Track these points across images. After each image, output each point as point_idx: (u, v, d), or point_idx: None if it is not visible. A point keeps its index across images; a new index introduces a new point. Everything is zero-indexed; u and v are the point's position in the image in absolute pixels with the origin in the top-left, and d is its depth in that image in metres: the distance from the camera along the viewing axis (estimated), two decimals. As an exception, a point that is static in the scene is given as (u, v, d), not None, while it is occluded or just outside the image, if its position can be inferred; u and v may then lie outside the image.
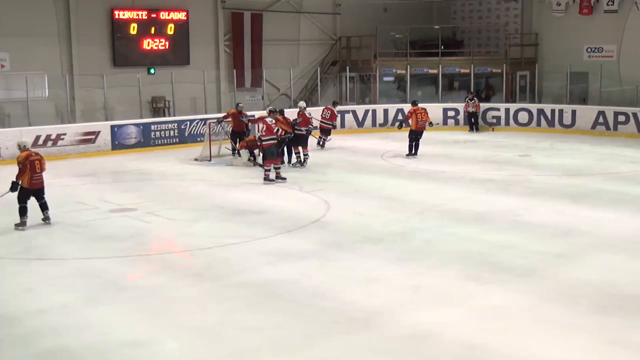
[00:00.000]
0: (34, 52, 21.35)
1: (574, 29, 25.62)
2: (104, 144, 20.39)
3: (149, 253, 10.54)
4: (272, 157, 15.52)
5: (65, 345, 7.18)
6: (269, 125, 15.74)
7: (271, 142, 15.53)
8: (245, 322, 7.67)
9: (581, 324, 7.49)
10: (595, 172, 16.38)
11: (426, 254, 10.13)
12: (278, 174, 15.53)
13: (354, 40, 27.80)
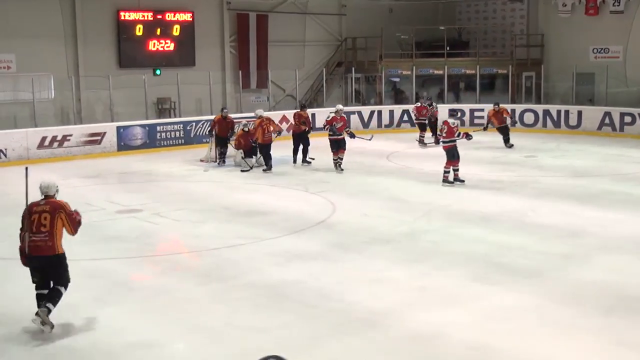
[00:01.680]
0: (40, 53, 21.42)
1: (580, 30, 25.57)
2: (110, 145, 20.43)
3: (155, 254, 10.56)
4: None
5: (73, 345, 7.20)
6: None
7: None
8: (252, 323, 7.68)
9: (588, 325, 7.48)
10: (601, 173, 16.35)
11: (433, 255, 10.12)
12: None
13: (359, 41, 27.80)
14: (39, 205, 7.70)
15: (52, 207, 7.65)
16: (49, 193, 7.81)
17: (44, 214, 7.62)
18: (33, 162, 18.66)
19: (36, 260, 7.64)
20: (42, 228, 7.59)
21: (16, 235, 10.78)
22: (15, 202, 14.25)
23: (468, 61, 27.40)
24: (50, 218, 7.58)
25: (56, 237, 7.61)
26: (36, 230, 7.62)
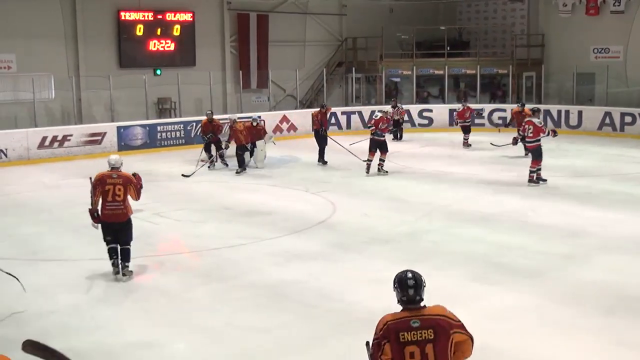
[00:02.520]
0: (40, 53, 21.44)
1: (581, 30, 25.58)
2: (110, 145, 20.43)
3: (156, 254, 10.56)
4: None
5: (74, 345, 7.18)
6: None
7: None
8: (252, 323, 7.68)
9: (588, 325, 7.49)
10: (602, 173, 16.35)
11: (433, 255, 10.12)
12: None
13: (360, 41, 27.80)
14: (112, 178, 9.10)
15: (124, 180, 9.15)
16: (116, 166, 9.32)
17: (118, 186, 9.05)
18: (33, 162, 18.72)
19: (112, 225, 9.09)
20: (116, 198, 9.01)
21: (15, 235, 10.83)
22: (15, 202, 14.34)
23: (468, 61, 27.42)
24: (123, 190, 9.05)
25: (127, 205, 9.14)
26: (112, 199, 9.01)
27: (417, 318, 4.21)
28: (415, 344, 4.15)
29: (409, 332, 4.15)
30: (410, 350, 4.12)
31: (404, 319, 4.20)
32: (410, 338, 4.14)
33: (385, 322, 4.29)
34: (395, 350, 4.16)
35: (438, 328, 4.16)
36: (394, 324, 4.23)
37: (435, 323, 4.17)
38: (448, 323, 4.22)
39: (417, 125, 24.76)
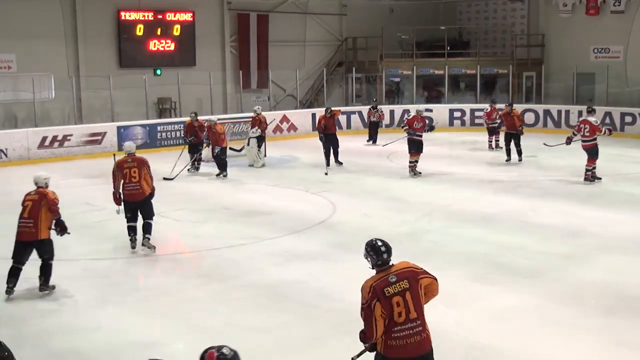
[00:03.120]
0: (41, 53, 21.44)
1: (581, 30, 25.57)
2: (110, 144, 20.42)
3: (157, 254, 10.55)
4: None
5: (75, 345, 7.20)
6: None
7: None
8: (252, 323, 7.68)
9: (588, 325, 7.49)
10: (602, 173, 16.31)
11: (433, 255, 10.11)
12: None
13: (360, 41, 27.80)
14: (127, 163, 10.26)
15: (138, 163, 10.29)
16: (131, 151, 10.52)
17: (133, 169, 10.17)
18: (33, 162, 18.71)
19: (131, 203, 10.22)
20: (132, 179, 10.15)
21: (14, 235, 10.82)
22: (15, 202, 14.30)
23: (468, 61, 27.41)
24: (138, 172, 10.14)
25: (144, 184, 10.15)
26: (129, 181, 10.16)
27: (392, 274, 5.12)
28: (398, 294, 5.06)
29: (391, 286, 5.05)
30: (396, 300, 5.04)
31: (382, 278, 5.07)
32: (393, 291, 5.04)
33: (370, 286, 5.07)
34: (384, 304, 5.00)
35: (409, 277, 5.14)
36: (378, 284, 5.07)
37: (406, 274, 5.14)
38: (414, 272, 5.22)
39: (417, 125, 24.70)
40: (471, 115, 24.92)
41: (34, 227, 8.49)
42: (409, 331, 5.09)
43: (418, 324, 5.12)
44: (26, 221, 8.54)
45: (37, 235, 8.49)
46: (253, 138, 17.97)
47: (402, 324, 5.06)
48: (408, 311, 5.07)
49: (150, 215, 10.21)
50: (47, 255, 8.61)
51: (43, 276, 8.60)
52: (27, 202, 8.64)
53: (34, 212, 8.52)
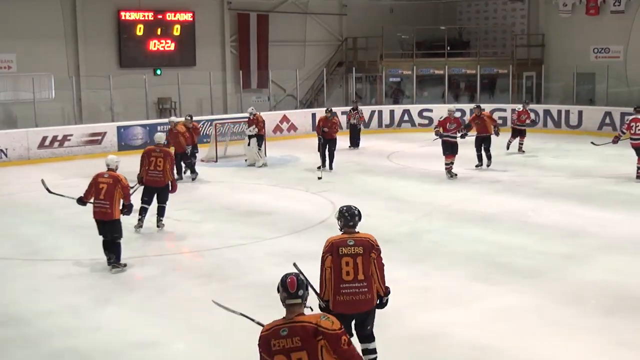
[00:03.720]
0: (41, 53, 21.43)
1: (581, 30, 25.56)
2: (111, 145, 20.42)
3: (157, 254, 10.55)
4: None
5: (75, 345, 7.20)
6: None
7: None
8: (252, 324, 7.66)
9: (588, 325, 7.49)
10: (602, 173, 16.35)
11: (434, 255, 10.12)
12: None
13: (360, 41, 27.79)
14: (156, 152, 11.47)
15: (164, 154, 11.49)
16: (160, 142, 11.86)
17: (159, 158, 11.38)
18: (34, 162, 18.71)
19: (152, 188, 11.46)
20: (157, 168, 11.36)
21: (15, 235, 10.86)
22: (15, 202, 14.33)
23: (469, 61, 27.40)
24: (163, 162, 11.35)
25: (166, 174, 11.42)
26: (154, 169, 11.38)
27: (352, 238, 5.98)
28: (349, 256, 5.93)
29: (346, 247, 5.94)
30: (346, 260, 5.92)
31: (342, 239, 5.99)
32: (346, 252, 5.92)
33: (330, 242, 6.00)
34: (334, 260, 5.91)
35: (365, 246, 5.94)
36: (336, 242, 5.97)
37: (363, 243, 5.95)
38: (371, 244, 5.97)
39: (417, 125, 24.73)
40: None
41: (109, 208, 9.34)
42: (355, 290, 5.92)
43: (364, 285, 5.92)
44: (102, 202, 9.37)
45: (112, 215, 9.37)
46: (253, 137, 17.96)
47: (349, 283, 5.89)
48: (356, 272, 5.90)
49: (164, 200, 11.52)
50: (116, 234, 9.44)
51: (114, 255, 9.42)
52: (102, 185, 9.39)
53: (109, 195, 9.34)
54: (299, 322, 4.31)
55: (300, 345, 4.24)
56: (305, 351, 4.23)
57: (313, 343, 4.24)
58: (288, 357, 4.24)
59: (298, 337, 4.25)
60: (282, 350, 4.26)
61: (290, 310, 4.36)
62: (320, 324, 4.28)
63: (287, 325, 4.31)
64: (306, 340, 4.24)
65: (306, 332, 4.26)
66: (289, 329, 4.28)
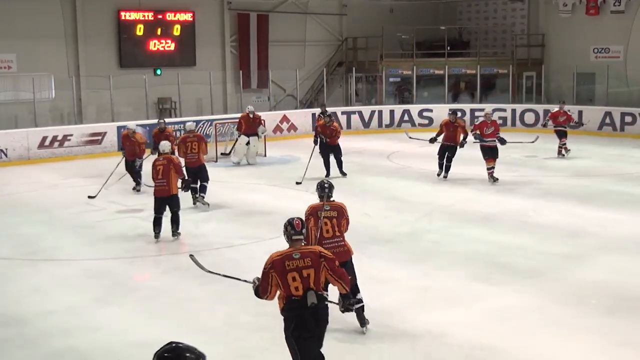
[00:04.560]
0: (41, 53, 21.43)
1: (581, 30, 25.56)
2: (111, 144, 20.41)
3: (157, 254, 10.55)
4: None
5: (75, 345, 7.20)
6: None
7: None
8: (253, 323, 7.67)
9: (589, 325, 7.48)
10: (603, 173, 16.35)
11: (434, 255, 10.12)
12: None
13: (360, 41, 27.78)
14: (190, 137, 13.12)
15: (198, 138, 13.35)
16: (192, 129, 13.67)
17: (194, 142, 13.08)
18: (33, 162, 18.71)
19: (191, 169, 12.78)
20: (193, 150, 13.04)
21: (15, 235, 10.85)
22: (15, 202, 14.33)
23: (469, 61, 27.39)
24: (197, 145, 13.04)
25: (201, 155, 13.07)
26: (190, 152, 13.03)
27: (329, 204, 7.31)
28: (328, 218, 7.19)
29: (324, 211, 7.17)
30: (325, 221, 7.17)
31: (320, 204, 7.29)
32: (325, 214, 7.16)
33: (311, 206, 7.28)
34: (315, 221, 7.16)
35: (339, 211, 7.36)
36: (316, 207, 7.30)
37: (337, 208, 7.39)
38: (343, 211, 7.46)
39: (417, 125, 24.72)
40: (471, 115, 24.88)
41: (167, 186, 10.72)
42: (335, 243, 7.20)
43: (341, 240, 7.34)
44: (160, 181, 10.73)
45: (170, 191, 10.77)
46: (253, 136, 18.02)
47: (330, 239, 7.22)
48: (334, 230, 7.25)
49: (205, 179, 13.03)
50: (176, 208, 10.91)
51: (175, 225, 10.91)
52: (158, 167, 10.75)
53: (166, 174, 10.71)
54: (307, 249, 5.72)
55: (311, 264, 5.56)
56: (313, 269, 5.56)
57: (318, 263, 5.59)
58: (300, 273, 5.53)
59: (309, 258, 5.58)
60: (296, 268, 5.54)
61: (294, 243, 5.70)
62: (322, 251, 5.79)
63: (297, 251, 5.62)
64: (314, 260, 5.59)
65: (314, 255, 5.64)
66: (300, 254, 5.60)
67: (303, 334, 5.56)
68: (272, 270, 5.53)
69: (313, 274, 5.51)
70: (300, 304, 5.49)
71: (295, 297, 5.50)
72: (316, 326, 5.62)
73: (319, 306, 5.55)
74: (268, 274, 5.54)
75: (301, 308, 5.50)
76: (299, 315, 5.53)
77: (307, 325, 5.56)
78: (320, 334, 5.70)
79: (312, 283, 5.52)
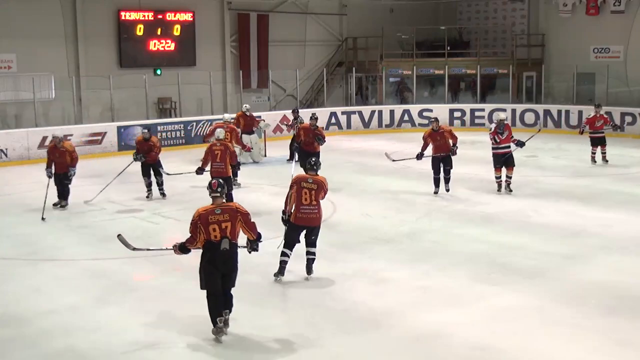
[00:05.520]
0: (41, 53, 21.41)
1: (581, 30, 25.56)
2: (111, 145, 20.42)
3: (157, 254, 10.52)
4: None
5: (75, 345, 7.19)
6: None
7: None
8: (253, 323, 7.66)
9: (590, 325, 7.48)
10: (603, 173, 16.34)
11: (434, 255, 10.12)
12: None
13: (360, 41, 27.78)
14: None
15: (230, 129, 14.94)
16: (228, 121, 15.58)
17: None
18: (33, 162, 18.68)
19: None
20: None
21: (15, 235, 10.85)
22: (15, 202, 14.32)
23: (469, 61, 27.37)
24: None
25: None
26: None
27: (312, 177, 8.96)
28: (308, 189, 8.91)
29: (306, 183, 8.90)
30: (305, 191, 8.87)
31: (305, 176, 8.96)
32: (306, 186, 8.89)
33: (296, 177, 8.99)
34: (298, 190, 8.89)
35: (319, 185, 8.92)
36: (301, 178, 8.95)
37: (318, 182, 8.93)
38: (323, 185, 8.98)
39: (417, 125, 24.71)
40: (471, 115, 24.90)
41: (224, 168, 12.45)
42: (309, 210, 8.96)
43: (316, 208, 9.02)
44: (219, 164, 12.45)
45: (226, 173, 12.41)
46: (252, 135, 18.07)
47: (306, 206, 8.91)
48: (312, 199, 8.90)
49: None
50: (230, 187, 12.32)
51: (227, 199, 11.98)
52: (216, 151, 12.45)
53: (223, 158, 12.49)
54: (226, 206, 7.31)
55: (228, 218, 7.18)
56: (230, 222, 7.17)
57: (235, 217, 7.22)
58: (219, 225, 7.14)
59: (227, 214, 7.19)
60: (216, 221, 7.14)
61: (215, 200, 7.30)
62: (238, 207, 7.39)
63: (219, 207, 7.22)
64: (232, 215, 7.21)
65: (232, 211, 7.26)
66: (222, 210, 7.20)
67: (211, 268, 7.19)
68: (199, 222, 7.10)
69: (230, 226, 7.11)
70: (215, 246, 7.08)
71: (213, 241, 7.09)
72: (223, 265, 7.19)
73: (229, 251, 7.11)
74: (196, 224, 7.12)
75: (215, 249, 7.09)
76: (212, 254, 7.15)
77: (216, 263, 7.16)
78: (226, 273, 7.25)
79: (229, 232, 7.13)
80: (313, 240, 9.09)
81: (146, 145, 14.36)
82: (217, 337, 7.13)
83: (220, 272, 7.22)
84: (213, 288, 7.22)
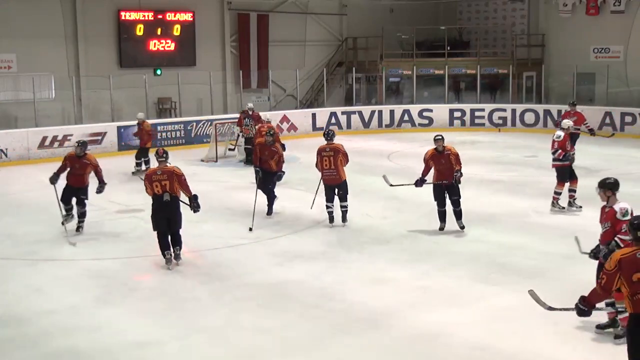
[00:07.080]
0: (41, 53, 21.41)
1: (581, 30, 25.55)
2: (111, 145, 20.42)
3: (157, 254, 10.53)
4: None
5: (74, 345, 7.20)
6: None
7: None
8: (253, 323, 7.67)
9: (589, 325, 7.47)
10: (603, 174, 16.29)
11: (434, 255, 10.12)
12: None
13: (360, 41, 27.77)
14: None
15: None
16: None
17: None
18: (33, 162, 18.71)
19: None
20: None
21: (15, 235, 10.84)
22: (15, 202, 14.33)
23: (469, 61, 27.36)
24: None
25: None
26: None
27: (329, 146, 11.65)
28: (327, 156, 11.60)
29: (325, 152, 11.56)
30: (325, 158, 11.66)
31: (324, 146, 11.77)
32: (325, 154, 11.63)
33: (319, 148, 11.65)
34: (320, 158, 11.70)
35: (335, 151, 11.69)
36: (321, 148, 11.72)
37: (334, 149, 11.64)
38: (339, 149, 11.57)
39: (417, 125, 24.73)
40: (471, 115, 24.90)
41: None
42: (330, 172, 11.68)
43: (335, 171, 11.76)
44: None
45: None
46: None
47: (328, 169, 11.73)
48: (330, 164, 11.64)
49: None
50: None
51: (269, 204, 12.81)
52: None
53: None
54: (166, 169, 9.51)
55: (167, 177, 9.46)
56: (168, 181, 9.44)
57: (172, 177, 9.48)
58: (160, 183, 9.43)
59: (166, 175, 9.46)
60: (158, 180, 9.45)
61: (159, 164, 9.57)
62: (175, 170, 9.59)
63: (160, 169, 9.49)
64: (170, 175, 9.49)
65: (170, 172, 9.53)
66: (162, 171, 9.48)
67: (158, 214, 9.53)
68: (145, 181, 9.53)
69: (168, 183, 9.41)
70: (159, 198, 9.43)
71: (157, 194, 9.45)
72: (166, 211, 9.47)
73: (170, 202, 9.43)
74: (145, 182, 9.56)
75: (160, 200, 9.44)
76: (157, 203, 9.48)
77: (160, 210, 9.49)
78: (170, 218, 9.52)
79: (168, 188, 9.43)
80: (342, 195, 11.70)
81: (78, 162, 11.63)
82: (167, 266, 9.48)
83: (166, 217, 9.51)
84: (160, 228, 9.53)
